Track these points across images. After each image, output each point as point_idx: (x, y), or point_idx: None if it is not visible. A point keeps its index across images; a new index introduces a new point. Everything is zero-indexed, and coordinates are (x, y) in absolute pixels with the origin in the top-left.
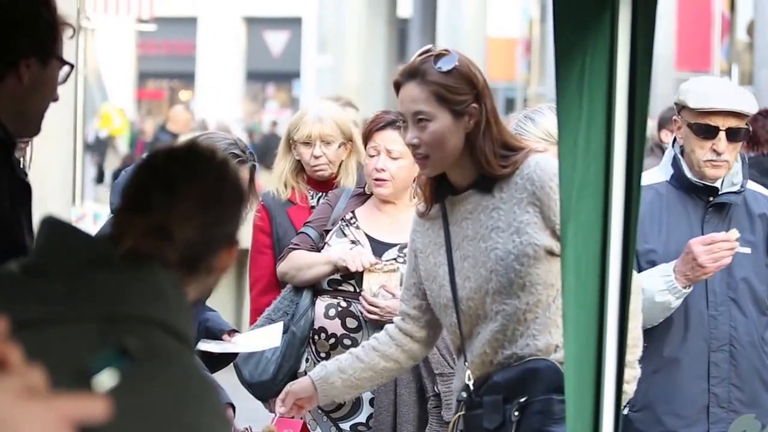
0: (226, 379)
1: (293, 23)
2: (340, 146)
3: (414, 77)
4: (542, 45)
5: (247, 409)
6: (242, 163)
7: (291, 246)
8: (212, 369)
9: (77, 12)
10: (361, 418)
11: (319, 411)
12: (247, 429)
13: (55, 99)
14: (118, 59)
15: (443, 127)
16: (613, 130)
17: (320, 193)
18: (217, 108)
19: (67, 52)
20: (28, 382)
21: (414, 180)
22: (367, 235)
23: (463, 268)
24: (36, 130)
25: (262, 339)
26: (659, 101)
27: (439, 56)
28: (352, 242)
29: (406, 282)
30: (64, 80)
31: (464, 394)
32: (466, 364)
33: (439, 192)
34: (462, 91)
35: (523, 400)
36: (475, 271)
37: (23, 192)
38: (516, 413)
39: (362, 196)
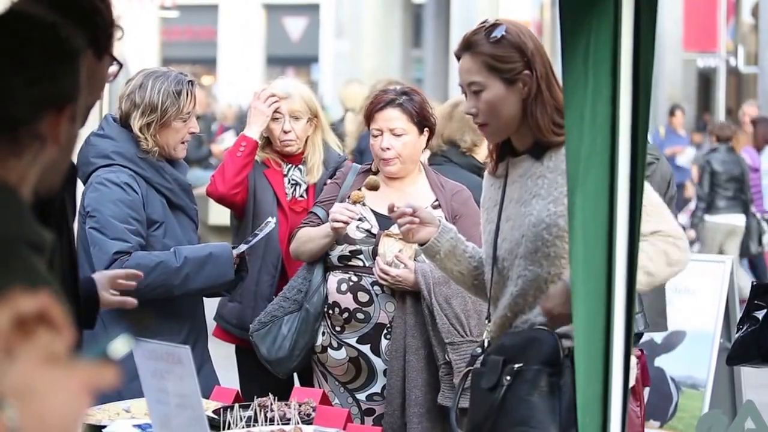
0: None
1: (311, 9)
2: (307, 122)
3: (467, 50)
4: (553, 28)
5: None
6: (191, 84)
7: (300, 225)
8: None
9: None
10: (376, 388)
11: (337, 383)
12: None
13: (100, 97)
14: (142, 46)
15: (496, 96)
16: (618, 102)
17: (290, 165)
18: (238, 92)
19: None
20: (49, 349)
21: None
22: (373, 211)
23: (504, 229)
24: (83, 124)
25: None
26: (667, 80)
27: (489, 28)
28: (359, 219)
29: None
30: (113, 78)
31: (479, 350)
32: (489, 323)
33: (503, 153)
34: (511, 59)
35: (517, 366)
36: (511, 234)
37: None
38: (508, 378)
39: (368, 173)
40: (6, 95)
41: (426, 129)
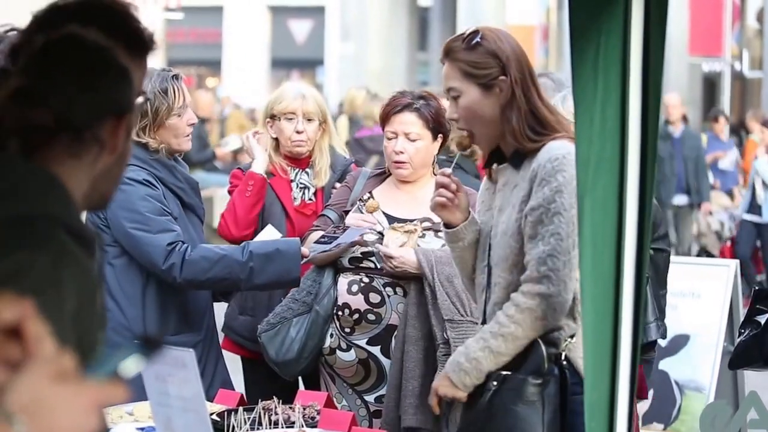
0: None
1: (317, 12)
2: (318, 125)
3: (447, 56)
4: (559, 32)
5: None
6: (176, 78)
7: (312, 228)
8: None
9: None
10: (385, 390)
11: (345, 385)
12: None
13: None
14: None
15: (472, 102)
16: (628, 108)
17: (297, 169)
18: (243, 94)
19: None
20: (59, 367)
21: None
22: (384, 213)
23: (494, 236)
24: None
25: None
26: (673, 85)
27: (468, 36)
28: (374, 224)
29: None
30: None
31: None
32: (483, 326)
33: (490, 159)
34: (486, 65)
35: (504, 373)
36: (494, 242)
37: None
38: (495, 383)
39: (380, 176)
40: (71, 99)
41: (440, 135)
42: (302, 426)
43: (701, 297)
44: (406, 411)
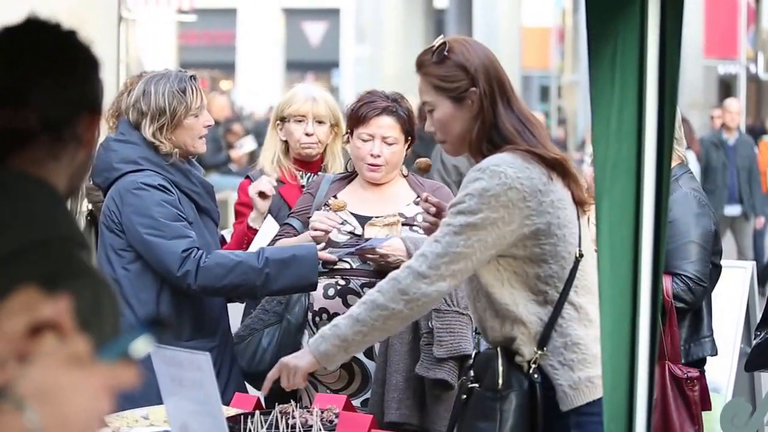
0: None
1: (331, 14)
2: (329, 128)
3: (419, 70)
4: (575, 34)
5: None
6: (193, 79)
7: (275, 237)
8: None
9: (118, 3)
10: (370, 394)
11: (328, 391)
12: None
13: None
14: (159, 49)
15: (445, 115)
16: (645, 110)
17: (308, 174)
18: (257, 97)
19: (110, 42)
20: (73, 351)
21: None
22: (353, 214)
23: None
24: None
25: (268, 232)
26: (688, 87)
27: (437, 49)
28: (341, 223)
29: None
30: None
31: (471, 362)
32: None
33: None
34: (456, 78)
35: (471, 386)
36: None
37: None
38: (464, 396)
39: (344, 180)
40: (51, 96)
41: (410, 137)
42: (320, 429)
43: (717, 298)
44: (389, 405)
